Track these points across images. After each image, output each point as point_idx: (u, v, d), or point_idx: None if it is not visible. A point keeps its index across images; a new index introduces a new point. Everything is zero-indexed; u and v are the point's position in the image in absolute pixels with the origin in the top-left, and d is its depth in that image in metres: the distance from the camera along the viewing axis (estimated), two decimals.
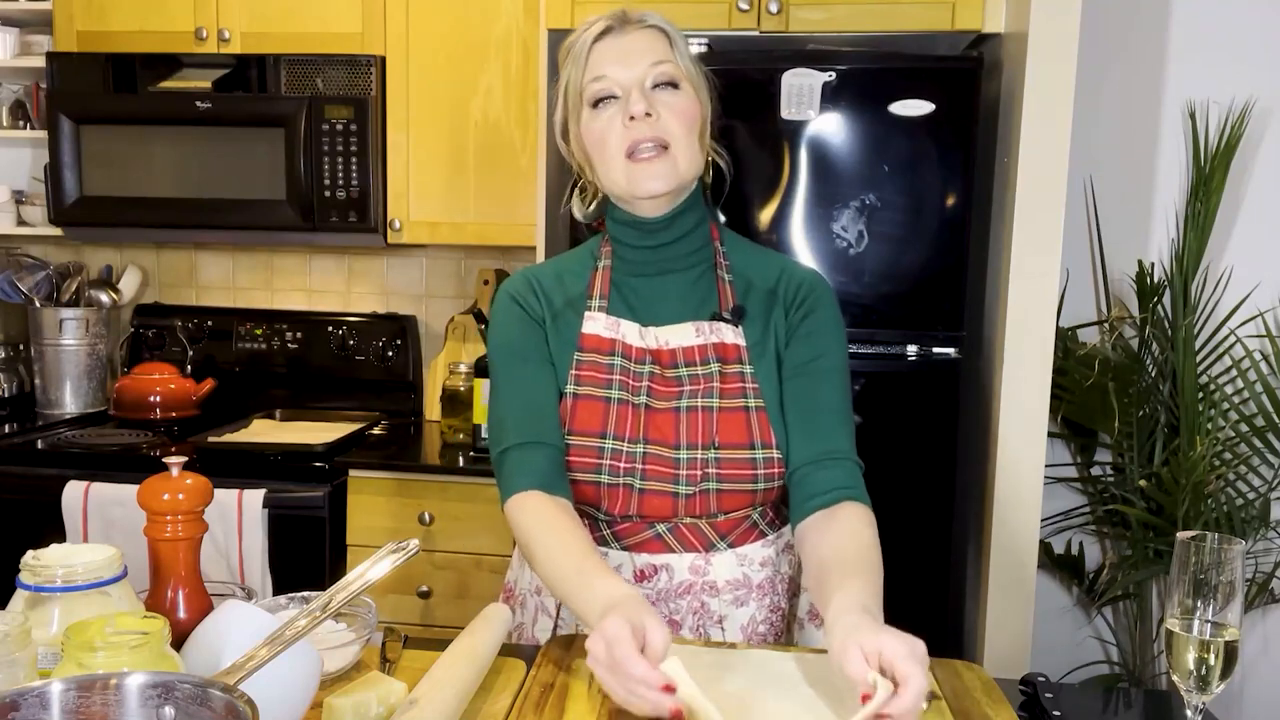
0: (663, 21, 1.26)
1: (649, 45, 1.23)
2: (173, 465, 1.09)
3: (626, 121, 1.21)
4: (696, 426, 1.23)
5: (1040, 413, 2.00)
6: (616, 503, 1.23)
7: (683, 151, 1.22)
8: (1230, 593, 0.96)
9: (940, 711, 1.01)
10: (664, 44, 1.24)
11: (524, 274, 1.34)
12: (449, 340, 2.76)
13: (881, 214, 2.01)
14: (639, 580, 1.24)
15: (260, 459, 2.29)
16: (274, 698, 0.84)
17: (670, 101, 1.22)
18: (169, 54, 2.51)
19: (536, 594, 1.32)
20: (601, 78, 1.22)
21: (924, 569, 2.06)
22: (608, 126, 1.22)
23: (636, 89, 1.21)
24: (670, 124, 1.21)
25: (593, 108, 1.23)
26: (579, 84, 1.24)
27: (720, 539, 1.25)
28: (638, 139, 1.20)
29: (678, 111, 1.22)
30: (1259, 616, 2.48)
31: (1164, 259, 2.46)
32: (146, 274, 2.91)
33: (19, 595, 0.98)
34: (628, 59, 1.22)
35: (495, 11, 2.43)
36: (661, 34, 1.24)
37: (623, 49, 1.22)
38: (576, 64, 1.24)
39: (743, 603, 1.25)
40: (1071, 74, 1.93)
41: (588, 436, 1.23)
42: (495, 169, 2.47)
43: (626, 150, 1.21)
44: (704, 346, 1.26)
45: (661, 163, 1.21)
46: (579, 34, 1.25)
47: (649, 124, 1.20)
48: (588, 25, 1.25)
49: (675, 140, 1.21)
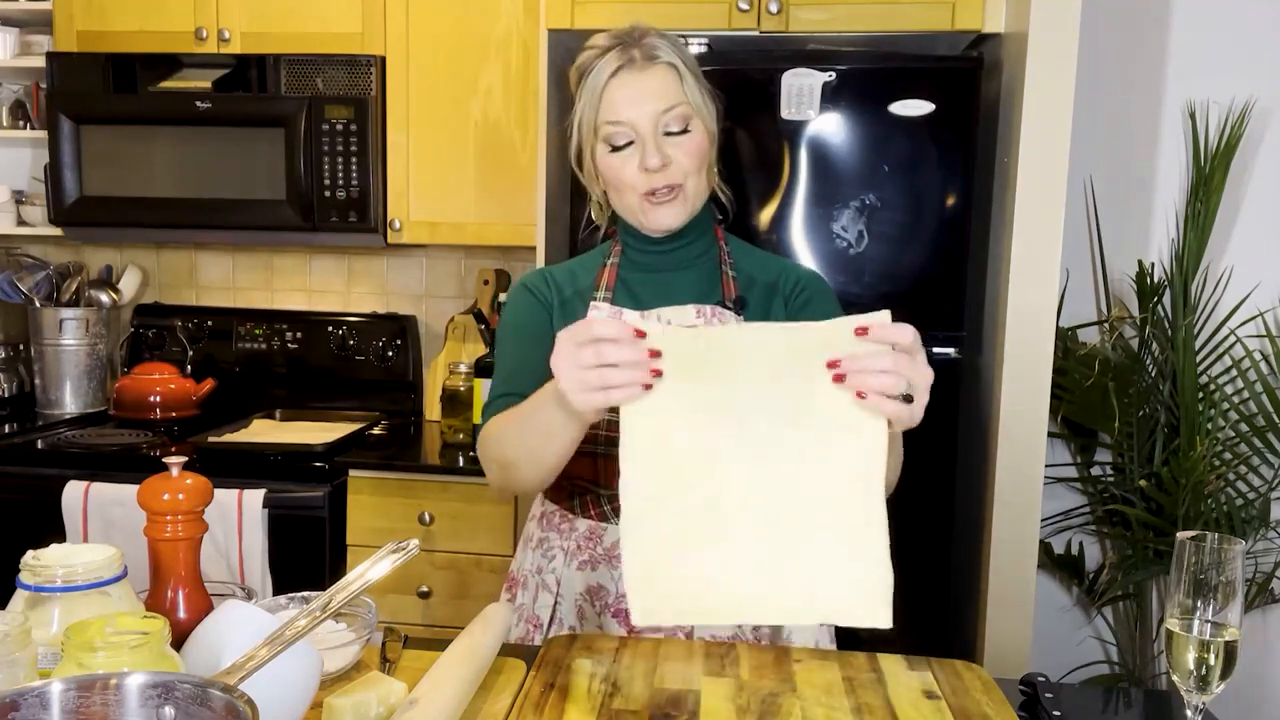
0: (672, 54, 1.29)
1: (661, 86, 1.27)
2: (173, 465, 1.09)
3: (642, 169, 1.27)
4: None
5: (1040, 413, 2.00)
6: (614, 476, 1.24)
7: (693, 186, 1.30)
8: (1230, 593, 0.96)
9: (940, 711, 1.01)
10: (675, 82, 1.28)
11: (539, 270, 1.42)
12: (449, 340, 2.76)
13: (881, 214, 2.01)
14: None
15: (260, 459, 2.29)
16: (274, 698, 0.84)
17: (682, 143, 1.28)
18: (169, 54, 2.51)
19: (537, 573, 1.35)
20: (617, 123, 1.27)
21: (924, 569, 2.06)
22: (623, 167, 1.29)
23: (651, 138, 1.26)
24: (683, 166, 1.28)
25: (608, 147, 1.29)
26: (593, 121, 1.29)
27: None
28: (652, 186, 1.28)
29: (689, 152, 1.28)
30: (1259, 616, 2.48)
31: (1164, 259, 2.46)
32: (146, 274, 2.91)
33: (19, 595, 0.98)
34: (641, 101, 1.27)
35: (495, 11, 2.43)
36: (672, 70, 1.28)
37: (637, 91, 1.27)
38: (590, 99, 1.28)
39: None
40: (1071, 74, 1.93)
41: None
42: (495, 169, 2.47)
43: (642, 193, 1.29)
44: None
45: (675, 204, 1.29)
46: (590, 60, 1.29)
47: (664, 174, 1.27)
48: (599, 53, 1.28)
49: (687, 179, 1.29)
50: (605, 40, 1.29)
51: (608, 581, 1.28)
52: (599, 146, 1.30)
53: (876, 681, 1.08)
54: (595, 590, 1.29)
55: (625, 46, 1.27)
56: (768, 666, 1.11)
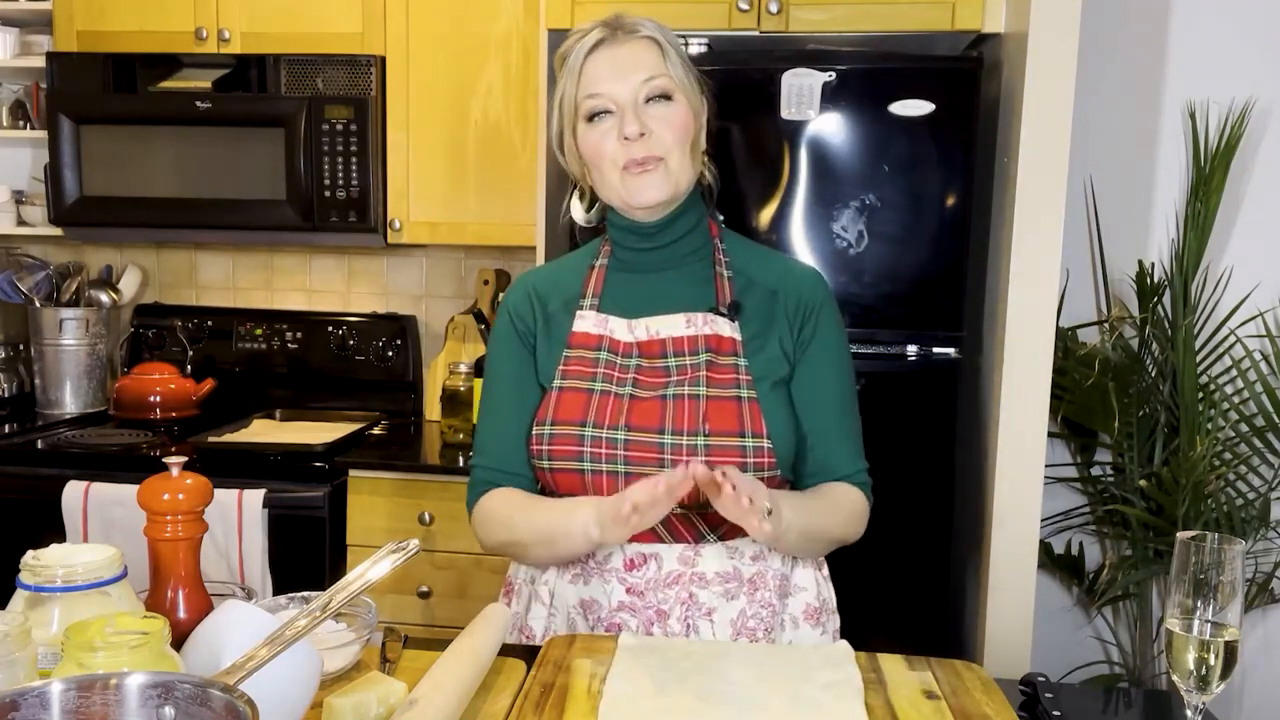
0: (655, 30, 1.27)
1: (641, 58, 1.25)
2: (173, 465, 1.09)
3: (621, 139, 1.25)
4: (683, 413, 1.24)
5: (1040, 413, 2.00)
6: (602, 491, 1.24)
7: (677, 162, 1.26)
8: (1230, 593, 0.96)
9: (940, 711, 1.01)
10: (656, 55, 1.26)
11: (523, 282, 1.39)
12: (449, 340, 2.76)
13: (881, 214, 2.01)
14: (628, 569, 1.25)
15: (260, 459, 2.29)
16: (274, 698, 0.84)
17: (663, 115, 1.25)
18: (169, 54, 2.51)
19: (530, 583, 1.34)
20: (596, 95, 1.25)
21: (924, 569, 2.06)
22: (602, 141, 1.26)
23: (630, 108, 1.24)
24: (664, 138, 1.25)
25: (588, 121, 1.27)
26: (574, 98, 1.28)
27: (710, 530, 1.26)
28: (632, 157, 1.25)
29: (671, 125, 1.25)
30: (1259, 616, 2.48)
31: (1164, 259, 2.46)
32: (146, 274, 2.91)
33: (19, 595, 0.98)
34: (621, 73, 1.25)
35: (495, 11, 2.43)
36: (654, 44, 1.27)
37: (616, 62, 1.25)
38: (571, 77, 1.27)
39: (733, 596, 1.25)
40: (1071, 74, 1.93)
41: (569, 425, 1.25)
42: (495, 169, 2.47)
43: (622, 165, 1.26)
44: (694, 337, 1.28)
45: (656, 174, 1.25)
46: (572, 44, 1.28)
47: (643, 143, 1.24)
48: (581, 34, 1.28)
49: (669, 153, 1.25)
50: (589, 25, 1.28)
51: (600, 595, 1.26)
52: (580, 125, 1.28)
53: (876, 681, 1.08)
54: (588, 603, 1.27)
55: (607, 27, 1.27)
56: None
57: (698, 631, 1.23)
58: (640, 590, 1.24)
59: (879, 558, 2.06)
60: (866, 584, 2.06)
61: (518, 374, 1.34)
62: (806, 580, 1.31)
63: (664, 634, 1.23)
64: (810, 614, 1.31)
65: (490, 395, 1.36)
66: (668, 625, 1.23)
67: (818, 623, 1.31)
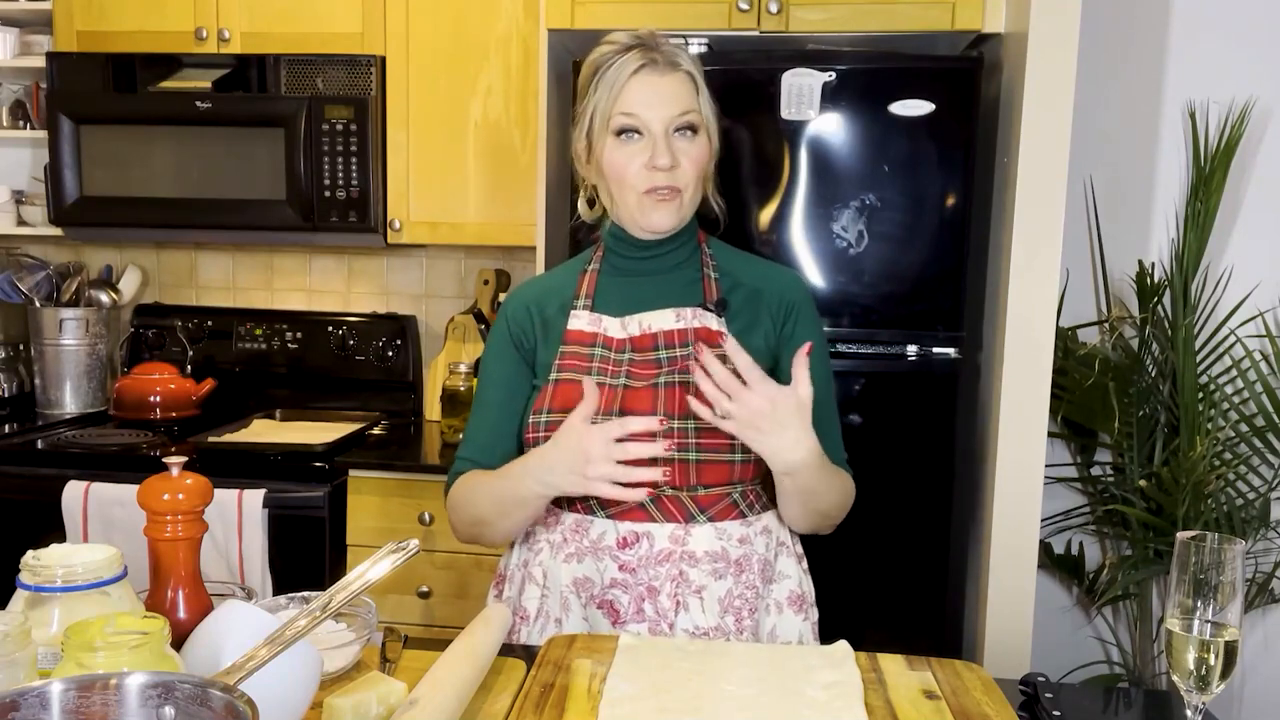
0: (692, 65, 1.34)
1: (679, 92, 1.31)
2: (173, 465, 1.09)
3: (648, 167, 1.30)
4: (674, 399, 1.30)
5: (1040, 413, 2.00)
6: None
7: (691, 195, 1.34)
8: (1230, 593, 0.96)
9: (940, 711, 1.01)
10: (691, 91, 1.32)
11: (520, 295, 1.44)
12: (449, 340, 2.76)
13: (881, 214, 2.01)
14: (620, 547, 1.30)
15: (260, 459, 2.29)
16: (274, 698, 0.85)
17: (687, 149, 1.32)
18: (169, 54, 2.51)
19: (523, 566, 1.38)
20: (632, 115, 1.30)
21: (924, 569, 2.06)
22: (629, 163, 1.31)
23: (663, 137, 1.30)
24: (686, 172, 1.32)
25: (616, 136, 1.31)
26: (607, 111, 1.31)
27: (700, 512, 1.30)
28: (655, 185, 1.30)
29: (694, 159, 1.32)
30: (1259, 616, 2.48)
31: (1164, 259, 2.46)
32: (146, 274, 2.91)
33: (19, 595, 0.98)
34: (660, 102, 1.30)
35: (495, 11, 2.43)
36: (690, 79, 1.33)
37: (657, 91, 1.30)
38: (607, 90, 1.31)
39: (721, 575, 1.30)
40: (1071, 74, 1.93)
41: (566, 413, 1.28)
42: (495, 169, 2.47)
43: (643, 190, 1.31)
44: (684, 330, 1.34)
45: (673, 204, 1.32)
46: (609, 56, 1.32)
47: (669, 174, 1.30)
48: (619, 49, 1.31)
49: (687, 186, 1.33)
50: (626, 39, 1.32)
51: (593, 573, 1.30)
52: (608, 139, 1.32)
53: (877, 681, 1.08)
54: (582, 582, 1.31)
55: (647, 49, 1.31)
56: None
57: (687, 609, 1.28)
58: (632, 567, 1.29)
59: (879, 557, 2.06)
60: (867, 583, 2.07)
61: (507, 375, 1.39)
62: (790, 569, 1.37)
63: (655, 610, 1.27)
64: (794, 600, 1.36)
65: (479, 394, 1.42)
66: (658, 601, 1.28)
67: (800, 609, 1.36)
